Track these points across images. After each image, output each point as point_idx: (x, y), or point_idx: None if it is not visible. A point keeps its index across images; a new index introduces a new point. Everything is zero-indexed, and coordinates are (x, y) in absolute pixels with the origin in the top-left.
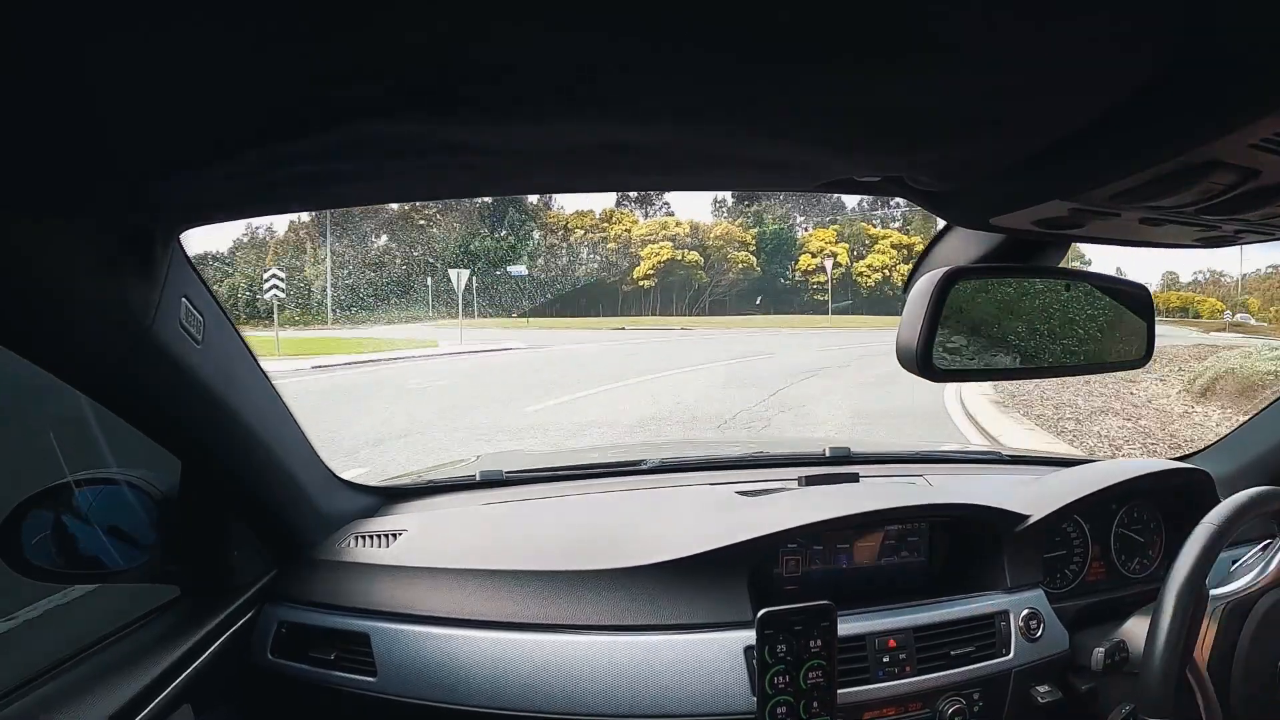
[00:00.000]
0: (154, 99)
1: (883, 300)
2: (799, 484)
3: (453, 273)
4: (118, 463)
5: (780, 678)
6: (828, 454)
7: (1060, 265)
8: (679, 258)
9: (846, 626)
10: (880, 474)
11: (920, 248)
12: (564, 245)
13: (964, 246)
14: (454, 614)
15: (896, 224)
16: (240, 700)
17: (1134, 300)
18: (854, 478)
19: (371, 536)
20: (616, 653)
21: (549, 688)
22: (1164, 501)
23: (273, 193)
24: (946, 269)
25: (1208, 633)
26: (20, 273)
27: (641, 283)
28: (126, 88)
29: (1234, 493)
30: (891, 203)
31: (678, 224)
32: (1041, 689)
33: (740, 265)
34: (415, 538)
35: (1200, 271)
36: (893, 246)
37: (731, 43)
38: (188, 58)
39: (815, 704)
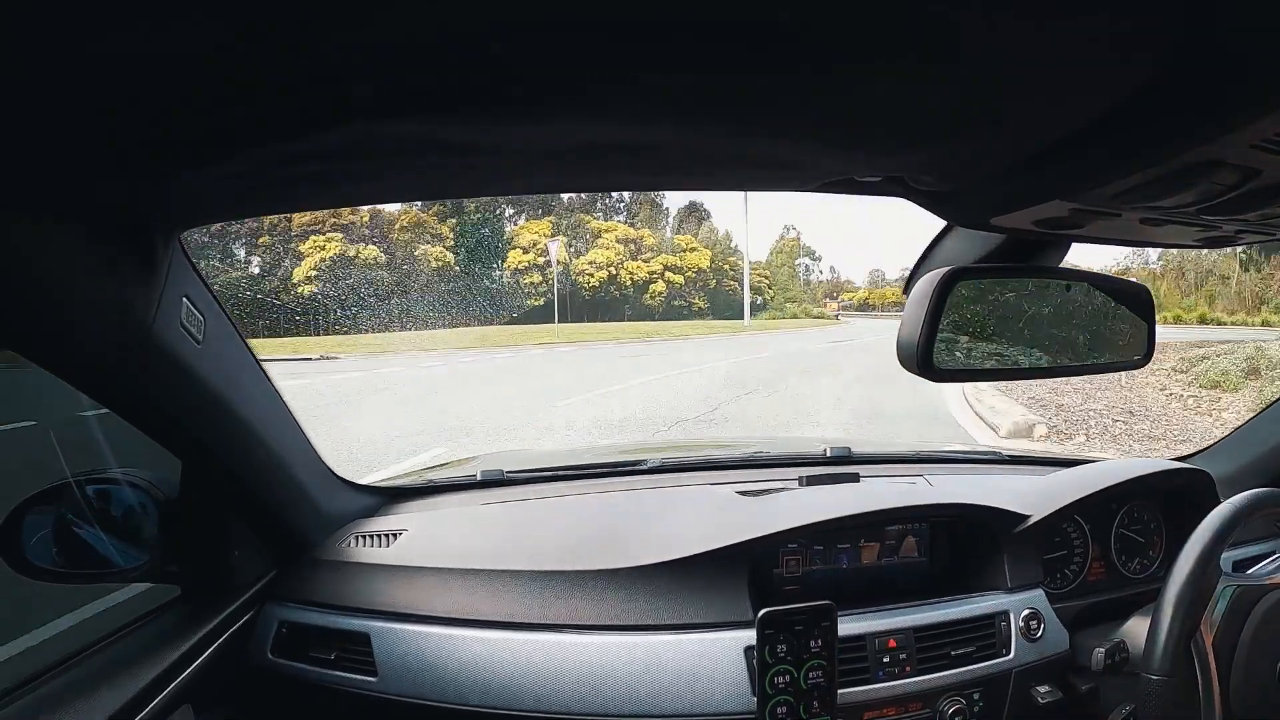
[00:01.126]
0: (154, 99)
1: (607, 304)
2: (799, 484)
3: None
4: (119, 463)
5: (781, 677)
6: (828, 454)
7: (1060, 265)
8: (352, 254)
9: (847, 626)
10: (880, 474)
11: (650, 241)
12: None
13: (964, 246)
14: (454, 614)
15: (621, 216)
16: (240, 700)
17: (1134, 300)
18: (854, 478)
19: (372, 536)
20: (617, 653)
21: (549, 687)
22: (1164, 502)
23: (273, 193)
24: (947, 269)
25: (1215, 610)
26: (20, 273)
27: (301, 288)
28: (126, 87)
29: (1234, 493)
30: (614, 194)
31: (353, 211)
32: (1042, 689)
33: (435, 263)
34: (416, 537)
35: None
36: (618, 241)
37: (731, 43)
38: (188, 58)
39: (815, 704)
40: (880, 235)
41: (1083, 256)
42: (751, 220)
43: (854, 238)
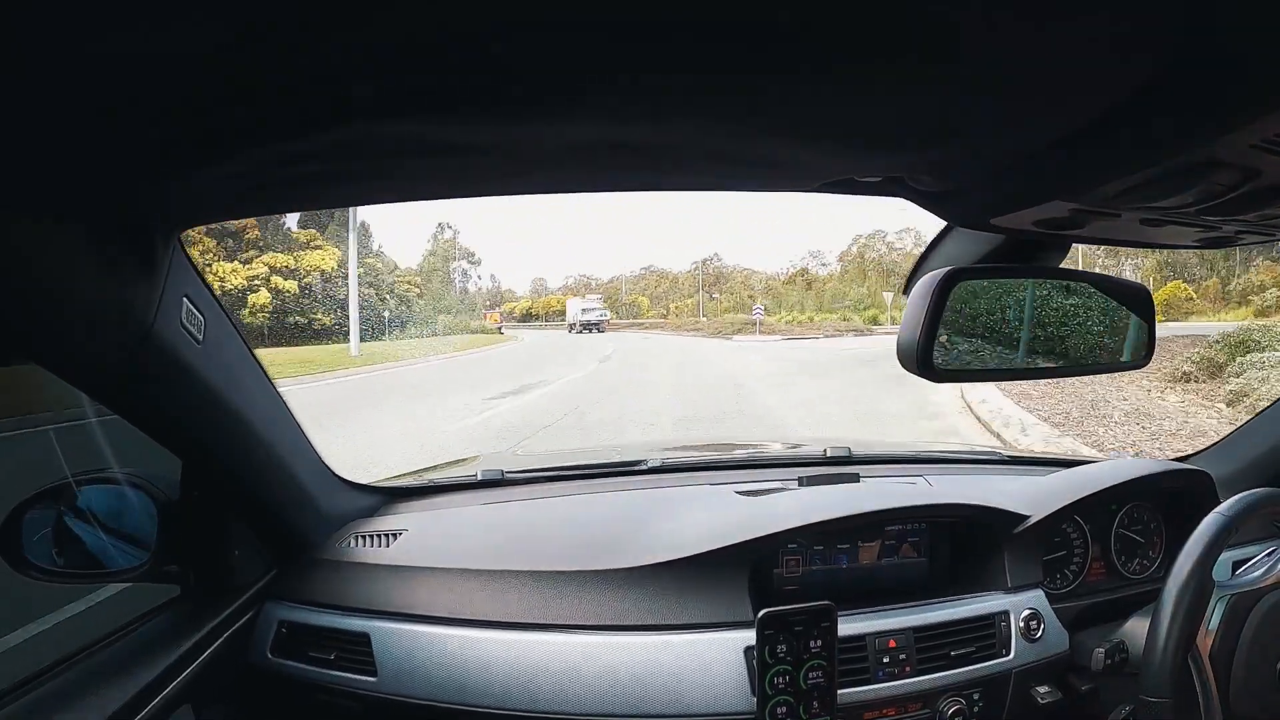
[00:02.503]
0: (154, 99)
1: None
2: (799, 484)
3: None
4: (119, 462)
5: (780, 678)
6: (828, 454)
7: (1060, 265)
8: None
9: (847, 627)
10: (880, 474)
11: (254, 234)
12: None
13: (964, 246)
14: (454, 614)
15: None
16: (240, 700)
17: (1135, 300)
18: (854, 478)
19: (372, 536)
20: (616, 653)
21: (549, 687)
22: (1164, 502)
23: (273, 192)
24: (947, 269)
25: (1211, 620)
26: (20, 273)
27: None
28: (126, 88)
29: (1234, 494)
30: None
31: None
32: (1042, 689)
33: None
34: (415, 537)
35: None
36: (207, 233)
37: (732, 43)
38: (188, 58)
39: (815, 704)
40: (544, 237)
41: None
42: (403, 218)
43: (515, 239)
